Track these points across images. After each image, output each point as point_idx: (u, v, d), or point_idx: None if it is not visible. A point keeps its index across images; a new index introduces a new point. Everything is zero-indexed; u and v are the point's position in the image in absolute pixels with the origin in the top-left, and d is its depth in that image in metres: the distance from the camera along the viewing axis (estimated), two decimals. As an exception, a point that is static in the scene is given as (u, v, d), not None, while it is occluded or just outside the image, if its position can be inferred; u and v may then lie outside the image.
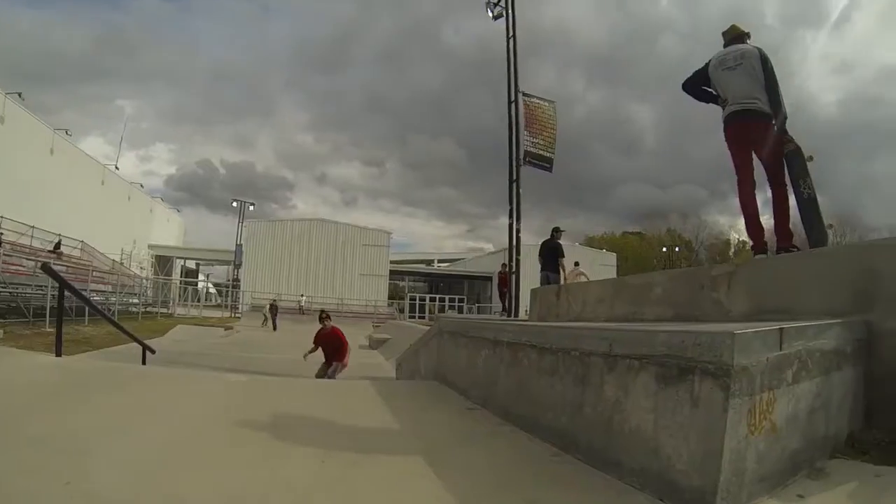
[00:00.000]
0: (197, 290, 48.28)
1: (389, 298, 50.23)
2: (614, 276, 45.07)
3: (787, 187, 4.70)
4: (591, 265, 38.51)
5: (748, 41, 5.09)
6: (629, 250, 66.45)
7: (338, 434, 3.33)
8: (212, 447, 2.91)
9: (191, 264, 59.78)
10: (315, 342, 10.87)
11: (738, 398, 1.92)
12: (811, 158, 4.82)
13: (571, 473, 2.54)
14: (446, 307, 46.09)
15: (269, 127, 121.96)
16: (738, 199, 4.85)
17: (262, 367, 11.91)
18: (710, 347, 2.02)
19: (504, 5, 17.94)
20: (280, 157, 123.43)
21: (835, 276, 3.24)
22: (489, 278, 40.65)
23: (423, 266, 61.33)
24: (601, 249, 56.60)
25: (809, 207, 4.75)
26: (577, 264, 18.62)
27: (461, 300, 49.29)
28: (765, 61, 4.71)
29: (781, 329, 2.13)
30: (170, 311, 35.19)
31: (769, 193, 4.79)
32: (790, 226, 4.69)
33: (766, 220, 4.84)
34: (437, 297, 48.86)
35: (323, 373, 10.29)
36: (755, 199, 4.79)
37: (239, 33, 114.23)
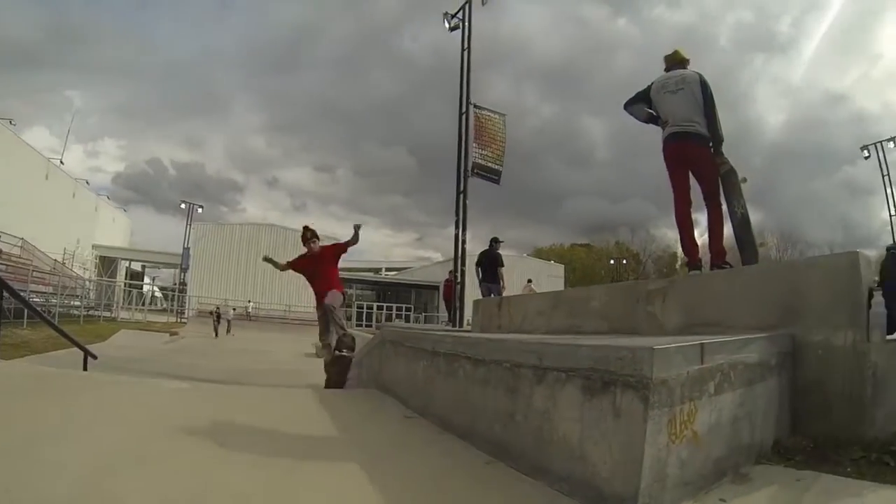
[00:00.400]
0: (142, 294, 46.90)
1: None
2: (562, 287, 45.78)
3: (722, 206, 4.88)
4: (539, 276, 38.80)
5: (688, 67, 5.29)
6: (577, 262, 67.39)
7: (279, 441, 3.35)
8: (153, 454, 2.86)
9: (136, 266, 57.81)
10: (297, 268, 8.04)
11: (658, 409, 2.01)
12: (745, 180, 5.04)
13: (504, 480, 2.60)
14: (393, 316, 45.60)
15: (221, 128, 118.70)
16: (674, 217, 5.03)
17: (207, 374, 11.65)
18: (630, 362, 2.11)
19: (461, 17, 18.05)
20: (231, 159, 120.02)
21: (763, 293, 3.44)
22: (436, 287, 40.59)
23: (371, 274, 60.83)
24: (549, 261, 57.06)
25: (742, 226, 4.98)
26: (529, 281, 18.80)
27: (408, 309, 48.81)
28: (704, 86, 4.93)
29: (702, 344, 2.25)
30: (113, 315, 33.80)
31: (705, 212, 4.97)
32: (724, 243, 4.86)
33: (701, 235, 5.04)
34: (385, 305, 48.22)
35: (325, 325, 7.67)
36: (690, 217, 5.01)
37: (195, 30, 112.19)
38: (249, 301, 40.20)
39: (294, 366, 16.50)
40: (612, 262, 64.42)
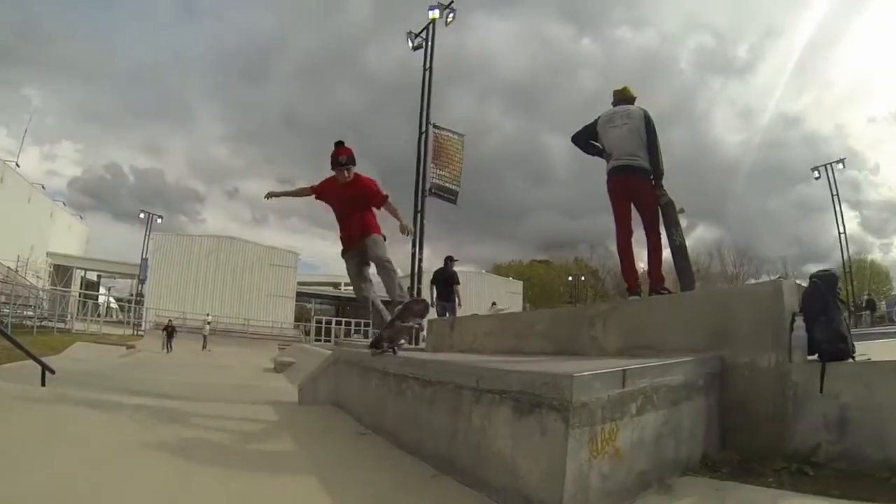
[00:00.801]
0: (97, 305, 45.68)
1: (296, 320, 49.00)
2: (520, 303, 46.04)
3: (661, 236, 5.20)
4: (497, 292, 39.01)
5: (635, 103, 5.57)
6: (536, 278, 67.67)
7: (240, 457, 3.45)
8: (114, 471, 2.93)
9: (92, 276, 56.04)
10: (321, 194, 5.76)
11: (579, 428, 2.22)
12: (682, 210, 5.36)
13: (448, 492, 2.78)
14: (352, 331, 45.06)
15: (183, 135, 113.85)
16: (615, 245, 5.36)
17: (165, 389, 11.43)
18: (554, 387, 2.33)
19: (424, 37, 18.24)
20: (192, 167, 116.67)
21: (697, 318, 3.67)
22: None
23: (330, 289, 60.26)
24: (508, 277, 57.27)
25: (680, 254, 5.29)
26: (494, 304, 19.00)
27: (367, 324, 48.05)
28: (648, 122, 5.24)
29: (624, 370, 2.47)
30: (68, 327, 32.62)
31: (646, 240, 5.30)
32: (662, 270, 5.20)
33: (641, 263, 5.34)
34: (344, 320, 47.79)
35: (358, 267, 5.67)
36: (631, 245, 5.32)
37: (161, 34, 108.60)
38: (208, 314, 39.53)
39: (253, 381, 16.41)
40: (570, 278, 64.72)
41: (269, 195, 6.10)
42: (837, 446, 2.90)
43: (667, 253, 5.31)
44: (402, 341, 5.38)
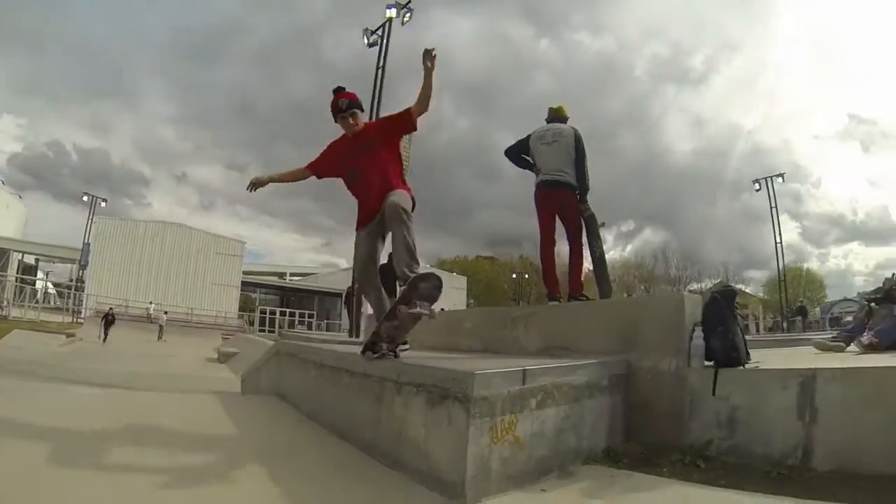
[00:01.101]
0: (35, 291, 43.34)
1: (240, 310, 48.25)
2: (464, 299, 46.31)
3: (583, 247, 5.60)
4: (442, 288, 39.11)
5: (567, 122, 5.92)
6: (481, 274, 68.03)
7: (182, 444, 3.59)
8: (60, 460, 3.02)
9: (30, 260, 53.34)
10: (324, 167, 4.47)
11: (479, 419, 2.57)
12: (603, 224, 5.82)
13: (374, 473, 3.08)
14: (296, 322, 44.86)
15: (131, 115, 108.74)
16: (539, 253, 5.77)
17: (107, 379, 11.40)
18: (459, 382, 2.67)
19: (381, 34, 18.30)
20: (139, 149, 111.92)
21: (609, 323, 4.04)
22: (340, 295, 39.65)
23: (275, 279, 59.48)
24: (452, 273, 57.40)
25: (600, 264, 5.70)
26: (442, 309, 18.98)
27: (311, 316, 47.91)
28: (578, 141, 5.60)
29: (524, 370, 2.81)
30: (4, 313, 31.46)
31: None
32: (582, 278, 5.63)
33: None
34: (288, 311, 47.44)
35: (373, 244, 4.29)
36: (553, 254, 5.68)
37: (113, 7, 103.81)
38: (151, 303, 38.62)
39: (197, 371, 16.39)
40: (514, 275, 65.29)
41: (255, 184, 4.57)
42: (728, 442, 3.26)
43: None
44: (406, 344, 4.11)
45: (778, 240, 37.01)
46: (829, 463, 2.97)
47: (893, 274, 5.92)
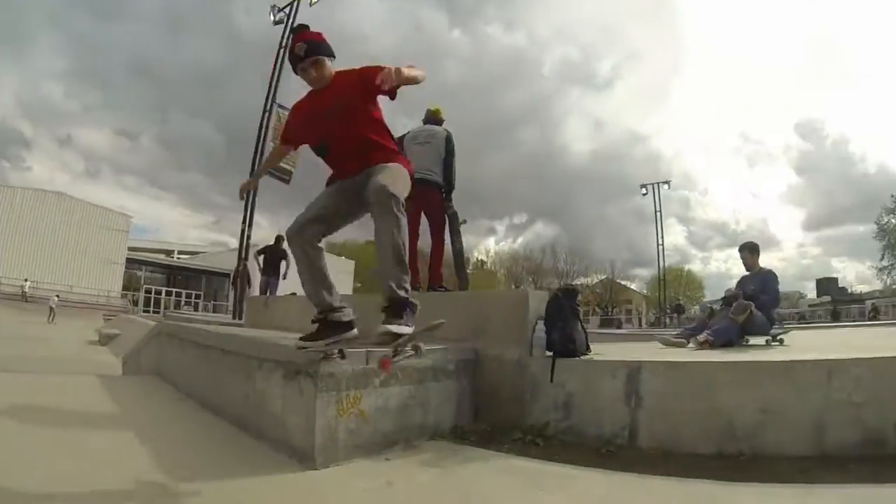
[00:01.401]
0: None
1: (124, 289, 45.55)
2: (351, 283, 45.98)
3: (445, 241, 6.11)
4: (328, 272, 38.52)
5: (443, 125, 6.33)
6: (369, 259, 67.77)
7: (62, 422, 3.71)
8: None
9: None
10: (293, 136, 3.61)
11: (326, 392, 2.98)
12: (465, 221, 6.33)
13: (242, 444, 3.38)
14: (182, 303, 43.11)
15: (16, 65, 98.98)
16: None
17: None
18: (309, 360, 3.05)
19: (287, 12, 18.05)
20: (21, 105, 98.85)
21: (464, 314, 4.42)
22: (228, 275, 38.19)
23: (162, 256, 56.54)
24: (340, 256, 57.11)
25: (458, 258, 6.17)
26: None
27: (198, 297, 46.14)
28: (449, 142, 6.04)
29: (367, 351, 3.18)
30: None
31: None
32: (441, 270, 6.12)
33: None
34: (175, 291, 45.22)
35: (340, 198, 3.35)
36: (416, 247, 6.06)
37: None
38: (26, 280, 36.10)
39: (76, 355, 15.82)
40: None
41: (246, 189, 4.55)
42: (564, 423, 3.70)
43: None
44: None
45: (660, 242, 39.58)
46: (651, 442, 3.42)
47: (734, 287, 6.73)
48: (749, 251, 6.82)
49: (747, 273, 6.79)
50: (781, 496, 2.57)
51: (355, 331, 3.11)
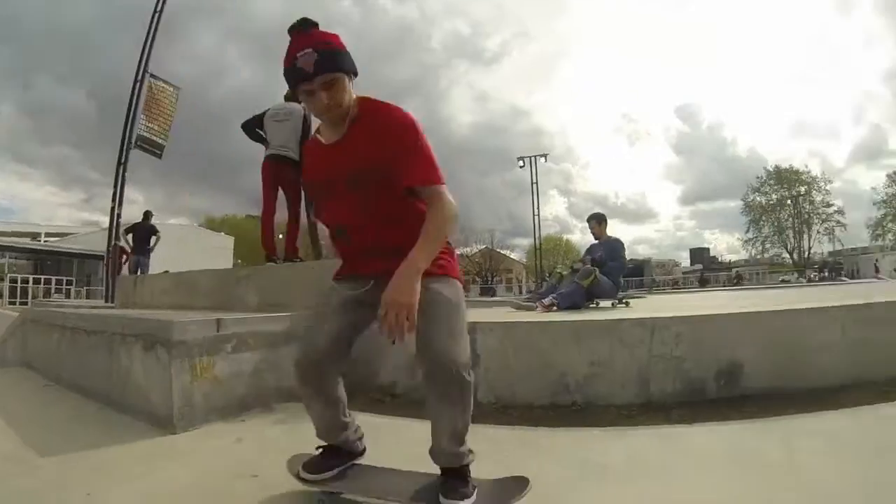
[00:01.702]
0: None
1: None
2: (230, 258, 44.82)
3: (300, 215, 6.52)
4: (205, 248, 37.35)
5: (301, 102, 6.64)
6: (249, 234, 66.34)
7: None
8: None
9: None
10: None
11: (179, 359, 3.27)
12: None
13: (109, 419, 3.56)
14: (53, 290, 39.40)
15: None
16: (260, 219, 6.60)
17: None
18: (163, 329, 3.32)
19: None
20: None
21: (314, 282, 4.60)
22: (102, 258, 35.64)
23: (28, 240, 52.09)
24: (220, 232, 55.59)
25: (312, 231, 6.71)
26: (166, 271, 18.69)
27: (69, 283, 42.01)
28: (305, 120, 6.30)
29: (219, 320, 3.51)
30: None
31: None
32: (296, 242, 6.59)
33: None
34: (43, 278, 41.15)
35: (352, 314, 2.05)
36: (272, 221, 6.56)
37: None
38: None
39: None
40: (280, 236, 64.31)
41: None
42: (410, 382, 3.96)
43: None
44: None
45: (536, 212, 41.25)
46: (490, 397, 3.73)
47: (582, 259, 7.45)
48: (597, 221, 7.60)
49: (595, 241, 7.55)
50: (599, 436, 3.02)
51: None
